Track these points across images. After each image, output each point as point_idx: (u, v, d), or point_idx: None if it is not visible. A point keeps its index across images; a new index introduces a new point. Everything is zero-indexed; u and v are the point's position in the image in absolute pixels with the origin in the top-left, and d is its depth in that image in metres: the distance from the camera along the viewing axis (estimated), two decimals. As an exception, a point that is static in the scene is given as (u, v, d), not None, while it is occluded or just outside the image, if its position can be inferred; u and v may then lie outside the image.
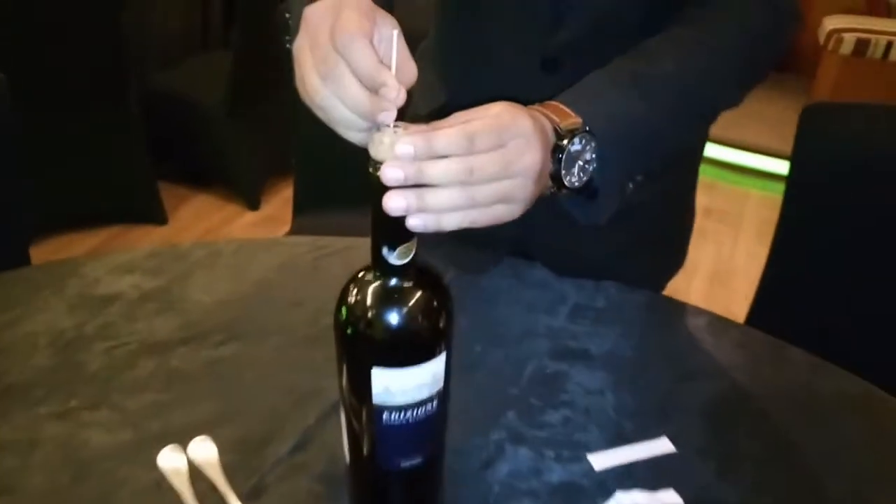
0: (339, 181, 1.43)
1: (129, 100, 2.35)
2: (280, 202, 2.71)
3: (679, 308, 0.91)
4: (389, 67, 0.53)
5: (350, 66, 0.54)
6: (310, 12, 0.59)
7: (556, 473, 0.67)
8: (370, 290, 0.53)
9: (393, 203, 0.49)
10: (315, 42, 0.56)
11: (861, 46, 3.31)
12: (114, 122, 2.36)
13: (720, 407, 0.76)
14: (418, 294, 0.53)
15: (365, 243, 0.52)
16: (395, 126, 0.51)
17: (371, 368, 0.52)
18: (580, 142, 0.64)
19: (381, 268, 0.52)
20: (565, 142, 0.63)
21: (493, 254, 0.95)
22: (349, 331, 0.54)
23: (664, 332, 0.87)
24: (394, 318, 0.52)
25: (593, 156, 0.66)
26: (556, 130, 0.63)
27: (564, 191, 0.65)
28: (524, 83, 0.85)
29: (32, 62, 2.12)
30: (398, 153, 0.50)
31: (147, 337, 0.82)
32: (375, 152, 0.50)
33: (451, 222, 0.54)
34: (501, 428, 0.72)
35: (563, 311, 0.88)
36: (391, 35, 0.56)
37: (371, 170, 0.50)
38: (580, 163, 0.65)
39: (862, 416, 0.76)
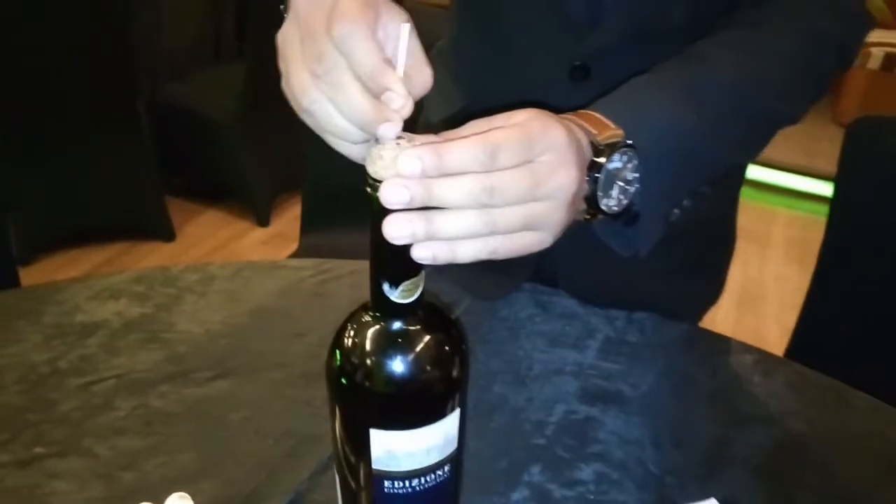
0: (347, 199, 1.35)
1: (139, 112, 2.29)
2: (290, 219, 2.63)
3: (722, 343, 0.81)
4: (395, 68, 0.44)
5: (349, 65, 0.44)
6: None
7: (589, 542, 0.58)
8: (369, 333, 0.44)
9: (395, 230, 0.40)
10: (307, 32, 0.46)
11: (889, 61, 3.21)
12: (123, 135, 2.30)
13: (775, 459, 0.66)
14: (426, 339, 0.44)
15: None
16: (398, 138, 0.42)
17: (370, 429, 0.43)
18: (621, 158, 0.54)
19: (381, 307, 0.43)
20: (603, 158, 0.53)
21: (512, 280, 0.86)
22: (344, 381, 0.45)
23: (706, 371, 0.77)
24: (397, 369, 0.43)
25: (636, 175, 0.56)
26: (592, 144, 0.53)
27: (601, 216, 0.55)
28: (549, 92, 0.76)
29: (41, 74, 2.07)
30: (402, 170, 0.40)
31: (127, 372, 0.73)
32: (374, 169, 0.41)
33: (467, 253, 0.44)
34: (524, 486, 0.62)
35: (592, 345, 0.78)
36: (400, 31, 0.47)
37: (369, 189, 0.41)
38: (620, 183, 0.55)
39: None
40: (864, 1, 0.69)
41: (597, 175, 0.53)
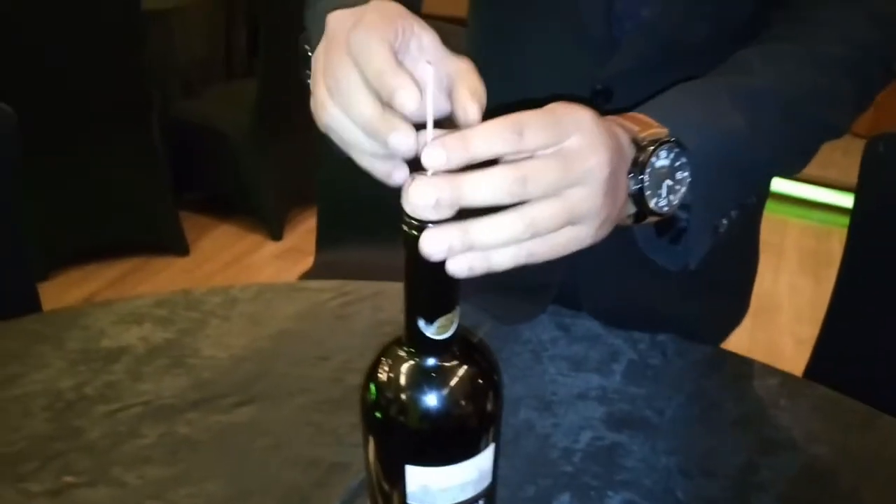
0: (363, 214, 1.35)
1: (152, 128, 2.31)
2: (303, 232, 2.64)
3: (745, 366, 0.81)
4: (418, 84, 0.42)
5: (362, 73, 0.44)
6: (330, 18, 0.50)
7: (619, 572, 0.57)
8: (404, 369, 0.44)
9: (430, 245, 0.38)
10: (329, 49, 0.46)
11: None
12: (136, 150, 2.32)
13: (803, 487, 0.66)
14: (462, 375, 0.44)
15: (393, 288, 0.43)
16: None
17: (405, 465, 0.44)
18: (668, 155, 0.51)
19: (417, 343, 0.43)
20: (649, 151, 0.50)
21: (535, 304, 0.86)
22: (379, 415, 0.45)
23: (731, 395, 0.76)
24: (433, 406, 0.43)
25: (685, 175, 0.53)
26: (635, 142, 0.51)
27: (650, 219, 0.52)
28: None
29: (55, 90, 2.09)
30: (427, 162, 0.39)
31: (154, 399, 0.74)
32: (410, 207, 0.41)
33: (504, 260, 0.42)
34: (553, 514, 0.62)
35: (616, 369, 0.78)
36: (426, 44, 0.46)
37: (404, 227, 0.41)
38: (669, 182, 0.52)
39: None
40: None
41: (642, 176, 0.50)
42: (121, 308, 0.87)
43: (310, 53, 0.59)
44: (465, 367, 0.44)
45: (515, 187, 0.41)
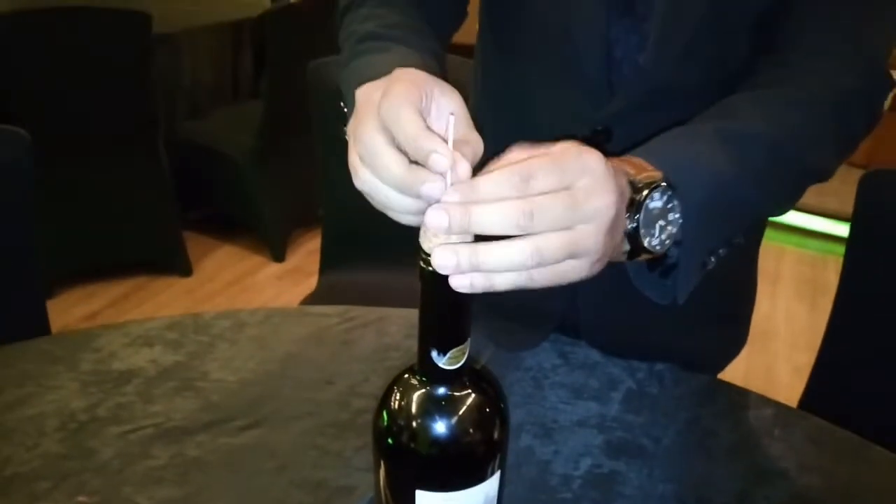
0: (367, 237, 1.38)
1: (158, 149, 2.34)
2: (305, 253, 2.66)
3: (742, 396, 0.83)
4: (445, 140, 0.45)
5: (389, 137, 0.48)
6: (359, 93, 0.55)
7: None
8: (416, 397, 0.46)
9: (441, 258, 0.42)
10: (358, 120, 0.50)
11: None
12: (142, 171, 2.34)
13: (796, 515, 0.68)
14: (471, 403, 0.46)
15: (398, 313, 0.46)
16: None
17: (416, 490, 0.46)
18: (661, 197, 0.54)
19: (429, 373, 0.46)
20: (644, 194, 0.53)
21: (538, 330, 0.88)
22: (390, 441, 0.47)
23: (727, 424, 0.78)
24: (443, 434, 0.45)
25: (677, 216, 0.56)
26: (631, 183, 0.53)
27: (643, 256, 0.55)
28: None
29: (60, 110, 2.12)
30: (431, 222, 0.42)
31: (164, 421, 0.76)
32: (427, 245, 0.43)
33: (506, 282, 0.45)
34: (553, 539, 0.64)
35: (615, 397, 0.80)
36: (452, 109, 0.49)
37: (422, 264, 0.43)
38: (661, 223, 0.55)
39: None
40: (888, 59, 0.71)
41: (637, 216, 0.53)
42: (132, 330, 0.89)
43: (345, 109, 0.63)
44: (474, 395, 0.46)
45: (523, 220, 0.44)
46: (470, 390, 0.46)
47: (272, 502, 0.67)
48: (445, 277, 0.43)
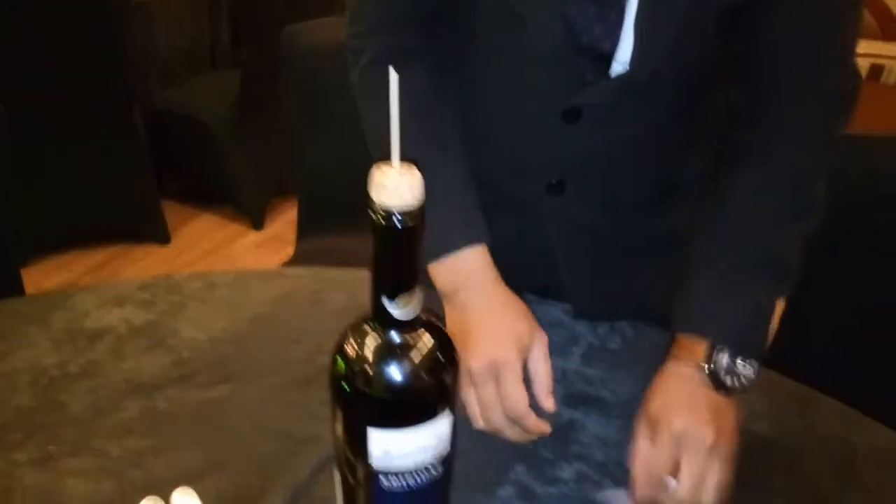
0: (342, 204, 1.39)
1: (134, 117, 2.32)
2: (284, 222, 2.67)
3: (699, 350, 0.85)
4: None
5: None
6: (438, 279, 0.74)
7: (569, 536, 0.62)
8: (369, 342, 0.48)
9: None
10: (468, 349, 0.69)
11: (875, 71, 3.26)
12: (119, 139, 2.33)
13: (746, 462, 0.70)
14: (421, 348, 0.48)
15: (368, 275, 0.48)
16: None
17: (369, 429, 0.48)
18: (727, 366, 0.68)
19: (381, 319, 0.47)
20: (720, 379, 0.67)
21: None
22: (345, 385, 0.49)
23: (683, 376, 0.81)
24: (394, 375, 0.47)
25: (742, 363, 0.68)
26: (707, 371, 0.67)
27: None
28: (540, 130, 0.80)
29: (37, 79, 2.10)
30: None
31: (134, 376, 0.77)
32: (378, 196, 0.45)
33: None
34: (510, 483, 0.67)
35: (576, 352, 0.83)
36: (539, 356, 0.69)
37: (372, 214, 0.45)
38: (732, 376, 0.68)
39: (897, 472, 0.71)
40: (853, 57, 0.75)
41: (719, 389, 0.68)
42: (104, 291, 0.90)
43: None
44: (423, 340, 0.48)
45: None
46: (420, 336, 0.48)
47: (239, 452, 0.69)
48: (394, 229, 0.44)
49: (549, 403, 0.68)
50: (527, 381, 0.69)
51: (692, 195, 0.91)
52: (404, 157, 0.45)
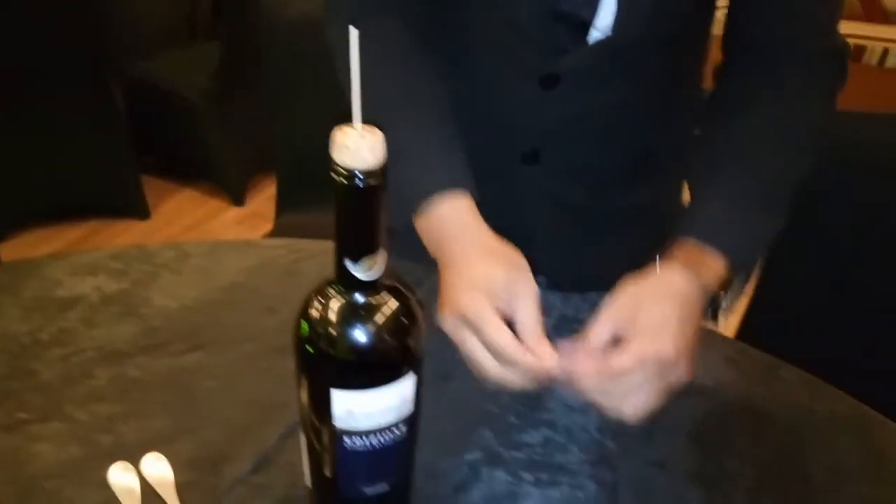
0: (320, 179, 1.38)
1: (113, 90, 2.30)
2: (265, 198, 2.65)
3: (668, 320, 0.86)
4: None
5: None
6: (421, 227, 0.71)
7: (534, 499, 0.63)
8: (332, 305, 0.48)
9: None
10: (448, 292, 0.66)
11: (857, 53, 3.28)
12: (97, 112, 2.30)
13: (710, 427, 0.72)
14: (385, 311, 0.48)
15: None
16: None
17: (331, 390, 0.48)
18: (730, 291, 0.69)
19: (345, 281, 0.48)
20: (720, 295, 0.68)
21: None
22: (309, 348, 0.49)
23: (652, 346, 0.82)
24: (357, 336, 0.48)
25: (739, 280, 0.70)
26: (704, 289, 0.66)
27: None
28: (518, 96, 0.80)
29: (13, 51, 2.07)
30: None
31: (105, 344, 0.77)
32: (340, 158, 0.45)
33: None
34: (476, 448, 0.67)
35: (547, 322, 0.83)
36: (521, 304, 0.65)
37: (334, 175, 0.45)
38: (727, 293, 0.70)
39: (858, 437, 0.72)
40: (838, 26, 0.77)
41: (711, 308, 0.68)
42: (77, 260, 0.90)
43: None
44: (386, 303, 0.49)
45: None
46: (383, 298, 0.48)
47: (209, 417, 0.69)
48: (356, 189, 0.44)
49: (540, 351, 0.62)
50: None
51: (667, 168, 0.92)
52: (389, 109, 0.45)
